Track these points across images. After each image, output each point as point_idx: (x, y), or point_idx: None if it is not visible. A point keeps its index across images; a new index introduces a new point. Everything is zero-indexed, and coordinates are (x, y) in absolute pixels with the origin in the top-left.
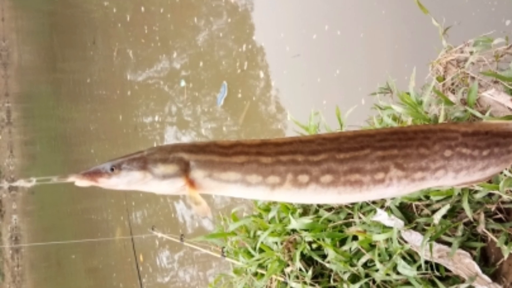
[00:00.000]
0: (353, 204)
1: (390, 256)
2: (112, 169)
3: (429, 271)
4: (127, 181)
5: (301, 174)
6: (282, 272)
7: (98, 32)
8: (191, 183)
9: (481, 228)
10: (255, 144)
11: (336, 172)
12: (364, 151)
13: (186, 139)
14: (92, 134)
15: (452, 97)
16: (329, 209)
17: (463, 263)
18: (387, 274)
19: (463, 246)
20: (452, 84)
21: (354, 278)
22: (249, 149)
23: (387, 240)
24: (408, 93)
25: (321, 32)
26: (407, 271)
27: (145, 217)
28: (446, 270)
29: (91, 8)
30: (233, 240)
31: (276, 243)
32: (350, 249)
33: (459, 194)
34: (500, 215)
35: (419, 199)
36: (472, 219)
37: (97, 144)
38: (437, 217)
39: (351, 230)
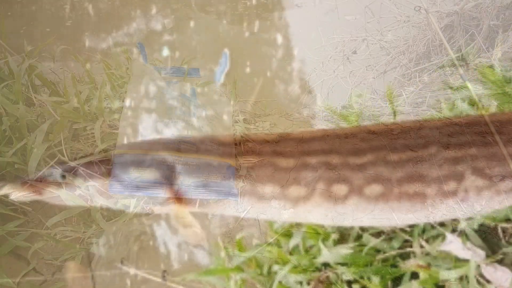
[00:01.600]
0: (411, 227)
1: None
2: (63, 176)
3: None
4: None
5: (337, 183)
6: None
7: None
8: (178, 196)
9: None
10: (270, 140)
11: (387, 181)
12: (428, 149)
13: (170, 132)
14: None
15: None
16: (378, 233)
17: None
18: None
19: None
20: None
21: None
22: (262, 147)
23: (461, 278)
24: (491, 67)
25: None
26: None
27: (111, 245)
28: None
29: None
30: (238, 279)
31: (301, 282)
32: None
33: None
34: None
35: (508, 220)
36: None
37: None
38: None
39: (410, 265)
